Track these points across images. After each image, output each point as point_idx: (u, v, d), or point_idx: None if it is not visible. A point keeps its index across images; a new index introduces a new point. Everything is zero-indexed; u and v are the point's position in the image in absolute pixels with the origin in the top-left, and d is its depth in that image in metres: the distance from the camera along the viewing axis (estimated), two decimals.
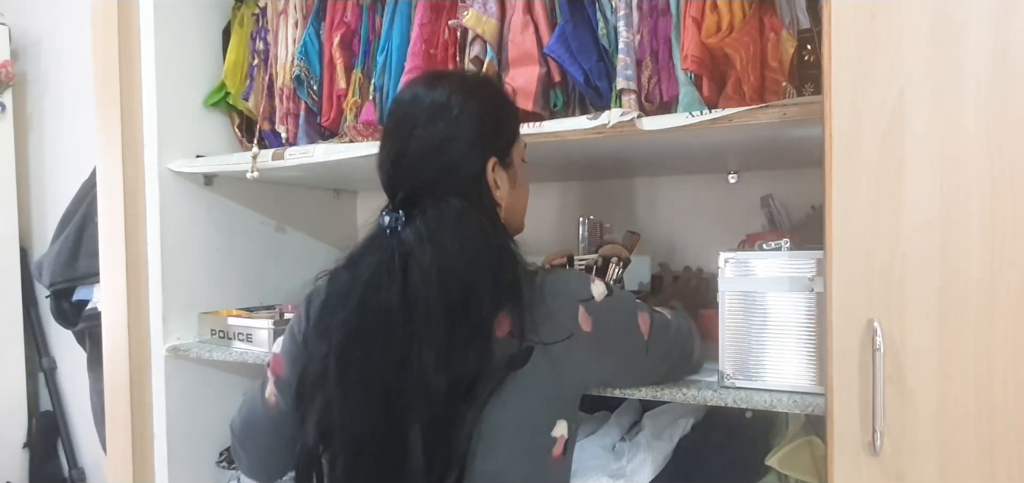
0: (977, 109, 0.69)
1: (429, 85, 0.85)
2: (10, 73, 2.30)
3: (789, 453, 0.97)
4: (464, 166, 0.81)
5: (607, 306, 0.83)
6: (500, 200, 0.85)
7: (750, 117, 0.89)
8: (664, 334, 0.90)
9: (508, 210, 0.87)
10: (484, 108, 0.84)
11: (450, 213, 0.79)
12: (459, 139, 0.81)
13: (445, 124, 0.81)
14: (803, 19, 0.98)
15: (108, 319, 1.43)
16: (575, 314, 0.80)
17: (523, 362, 0.77)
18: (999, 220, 0.69)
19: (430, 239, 0.78)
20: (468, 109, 0.82)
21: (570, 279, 0.85)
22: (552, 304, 0.79)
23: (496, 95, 0.90)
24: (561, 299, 0.80)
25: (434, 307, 0.75)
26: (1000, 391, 0.69)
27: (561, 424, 0.82)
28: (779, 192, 1.27)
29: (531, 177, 1.58)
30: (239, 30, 1.49)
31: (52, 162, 2.40)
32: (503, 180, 0.85)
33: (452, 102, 0.82)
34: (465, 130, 0.81)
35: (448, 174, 0.81)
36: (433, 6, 1.21)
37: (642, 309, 0.88)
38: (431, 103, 0.82)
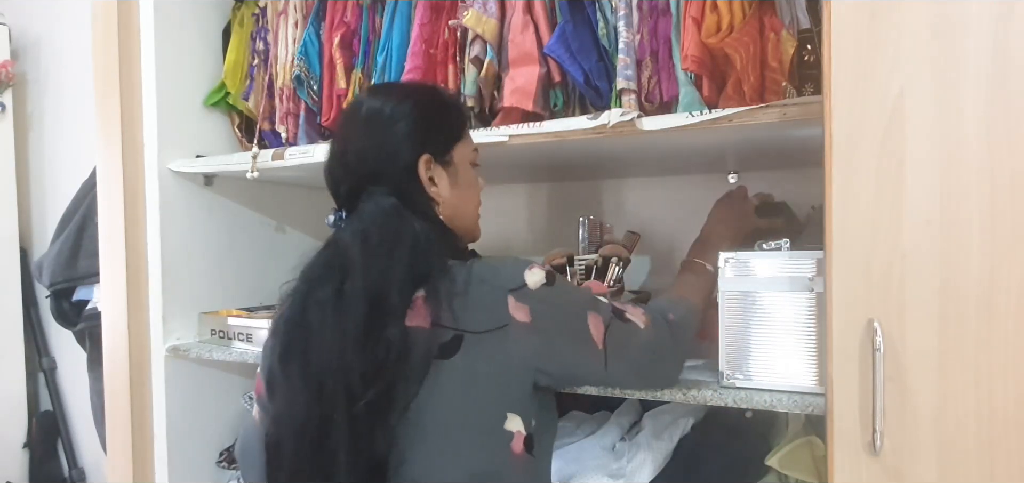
0: (977, 109, 0.69)
1: (371, 93, 0.93)
2: (10, 73, 2.30)
3: (789, 453, 0.97)
4: (395, 160, 0.85)
5: (544, 296, 0.80)
6: (437, 196, 0.88)
7: (750, 117, 0.89)
8: (627, 343, 0.84)
9: (450, 209, 0.89)
10: (418, 108, 0.88)
11: (377, 206, 0.84)
12: (391, 136, 0.86)
13: (379, 124, 0.86)
14: (803, 19, 0.98)
15: (108, 319, 1.43)
16: (504, 303, 0.78)
17: (452, 352, 0.76)
18: (999, 220, 0.69)
19: (360, 232, 0.83)
20: (401, 109, 0.87)
21: (500, 268, 0.82)
22: (476, 293, 0.79)
23: (433, 97, 0.95)
24: (486, 288, 0.79)
25: (357, 298, 0.78)
26: (1000, 391, 0.69)
27: (513, 418, 0.79)
28: (779, 192, 1.27)
29: (530, 177, 1.59)
30: (239, 30, 1.49)
31: (52, 162, 2.40)
32: (441, 178, 0.88)
33: (386, 106, 0.87)
34: (396, 127, 0.86)
35: (381, 170, 0.85)
36: (433, 6, 1.21)
37: (597, 310, 0.83)
38: (368, 108, 0.88)
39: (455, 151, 0.91)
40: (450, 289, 0.79)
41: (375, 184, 0.85)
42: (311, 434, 0.78)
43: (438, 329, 0.77)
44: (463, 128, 0.95)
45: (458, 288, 0.79)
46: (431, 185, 0.87)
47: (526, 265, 0.82)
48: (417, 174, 0.86)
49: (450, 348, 0.77)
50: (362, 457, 0.76)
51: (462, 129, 0.94)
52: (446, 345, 0.77)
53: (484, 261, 0.84)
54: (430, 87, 1.06)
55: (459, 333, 0.77)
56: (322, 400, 0.78)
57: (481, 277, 0.80)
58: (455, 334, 0.77)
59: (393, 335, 0.77)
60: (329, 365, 0.78)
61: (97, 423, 1.83)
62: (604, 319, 0.83)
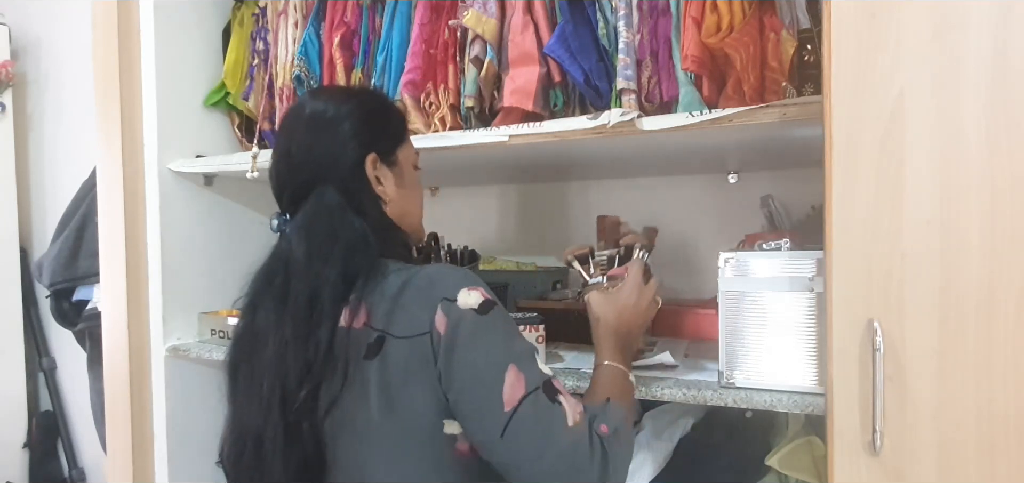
0: (977, 109, 0.69)
1: (313, 96, 0.92)
2: (10, 73, 2.30)
3: (789, 453, 0.97)
4: (341, 159, 0.85)
5: (470, 322, 0.74)
6: (384, 195, 0.87)
7: (750, 117, 0.89)
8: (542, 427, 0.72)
9: (398, 208, 0.89)
10: (362, 109, 0.89)
11: (321, 203, 0.83)
12: (335, 136, 0.85)
13: (323, 125, 0.86)
14: (803, 19, 0.98)
15: (108, 319, 1.43)
16: (433, 310, 0.75)
17: (375, 353, 0.75)
18: (999, 220, 0.69)
19: (304, 230, 0.83)
20: (344, 110, 0.87)
21: (442, 275, 0.79)
22: (410, 296, 0.77)
23: (376, 99, 0.97)
24: (422, 293, 0.77)
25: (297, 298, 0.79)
26: (1000, 391, 0.69)
27: (453, 425, 0.76)
28: (779, 192, 1.27)
29: (530, 178, 1.59)
30: (239, 30, 1.49)
31: (52, 162, 2.40)
32: (387, 178, 0.88)
33: (329, 107, 0.87)
34: (341, 128, 0.85)
35: (325, 169, 0.85)
36: (433, 6, 1.21)
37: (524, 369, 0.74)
38: (312, 110, 0.88)
39: (400, 152, 0.91)
40: (384, 290, 0.78)
41: (321, 184, 0.84)
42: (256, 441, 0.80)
43: (367, 329, 0.76)
44: (405, 131, 0.95)
45: (393, 290, 0.77)
46: (378, 184, 0.87)
47: (470, 284, 0.78)
48: (364, 173, 0.85)
49: (374, 348, 0.76)
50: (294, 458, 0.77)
51: (404, 132, 0.95)
52: (371, 346, 0.76)
53: (434, 267, 0.82)
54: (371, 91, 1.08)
55: (383, 335, 0.76)
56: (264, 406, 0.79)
57: (421, 281, 0.78)
58: (379, 335, 0.76)
59: (322, 335, 0.76)
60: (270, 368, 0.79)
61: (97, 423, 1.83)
62: (528, 383, 0.73)
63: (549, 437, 0.72)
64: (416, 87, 1.20)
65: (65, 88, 2.34)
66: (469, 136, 1.08)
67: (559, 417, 0.73)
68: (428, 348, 0.74)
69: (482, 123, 1.17)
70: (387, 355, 0.75)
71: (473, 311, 0.75)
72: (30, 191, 2.45)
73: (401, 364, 0.75)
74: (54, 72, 2.37)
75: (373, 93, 1.00)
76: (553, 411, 0.74)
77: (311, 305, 0.78)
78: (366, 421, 0.76)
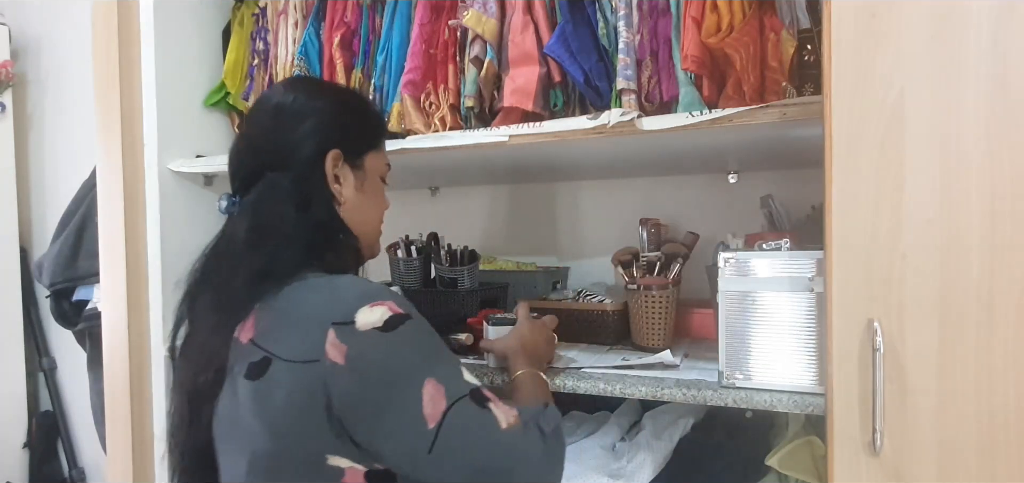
0: (977, 109, 0.69)
1: (285, 86, 0.90)
2: (10, 73, 2.30)
3: (789, 453, 0.97)
4: (299, 149, 0.82)
5: (371, 342, 0.67)
6: (339, 195, 0.84)
7: (750, 117, 0.89)
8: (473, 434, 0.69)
9: (353, 213, 0.85)
10: (332, 106, 0.86)
11: (269, 189, 0.80)
12: (298, 126, 0.82)
13: (289, 114, 0.84)
14: (803, 19, 0.98)
15: (108, 319, 1.43)
16: (322, 336, 0.67)
17: (259, 374, 0.69)
18: (999, 220, 0.69)
19: (248, 215, 0.80)
20: (314, 104, 0.84)
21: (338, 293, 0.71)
22: (299, 315, 0.70)
23: (355, 99, 0.94)
24: (313, 313, 0.70)
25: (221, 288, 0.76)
26: (1000, 391, 0.69)
27: (338, 459, 0.68)
28: (779, 192, 1.27)
29: (530, 178, 1.59)
30: (239, 30, 1.49)
31: (52, 162, 2.40)
32: (347, 179, 0.85)
33: (298, 99, 0.85)
34: (305, 119, 0.83)
35: (281, 157, 0.82)
36: (433, 6, 1.21)
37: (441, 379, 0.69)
38: (280, 100, 0.85)
39: (368, 158, 0.88)
40: (274, 305, 0.72)
41: (275, 170, 0.81)
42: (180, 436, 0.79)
43: (252, 347, 0.71)
44: (379, 139, 0.92)
45: (283, 306, 0.72)
46: (335, 182, 0.84)
47: (370, 298, 0.70)
48: (321, 167, 0.82)
49: (258, 370, 0.70)
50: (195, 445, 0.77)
51: (379, 140, 0.92)
52: (255, 366, 0.70)
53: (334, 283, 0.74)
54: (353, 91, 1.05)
55: (268, 357, 0.70)
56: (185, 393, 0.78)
57: (315, 299, 0.71)
58: (264, 357, 0.70)
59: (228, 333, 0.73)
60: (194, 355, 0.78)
61: (97, 423, 1.83)
62: (449, 394, 0.68)
63: (483, 444, 0.68)
64: (416, 87, 1.20)
65: (65, 88, 2.34)
66: (469, 136, 1.08)
67: (491, 422, 0.70)
68: (316, 378, 0.67)
69: (482, 123, 1.17)
70: (271, 379, 0.69)
71: (376, 330, 0.68)
72: (30, 191, 2.45)
73: (284, 391, 0.68)
74: (54, 72, 2.37)
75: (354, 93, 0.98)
76: (483, 416, 0.70)
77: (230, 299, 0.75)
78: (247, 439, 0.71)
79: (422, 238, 1.48)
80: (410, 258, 1.43)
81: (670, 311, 1.16)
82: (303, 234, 0.78)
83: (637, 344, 1.19)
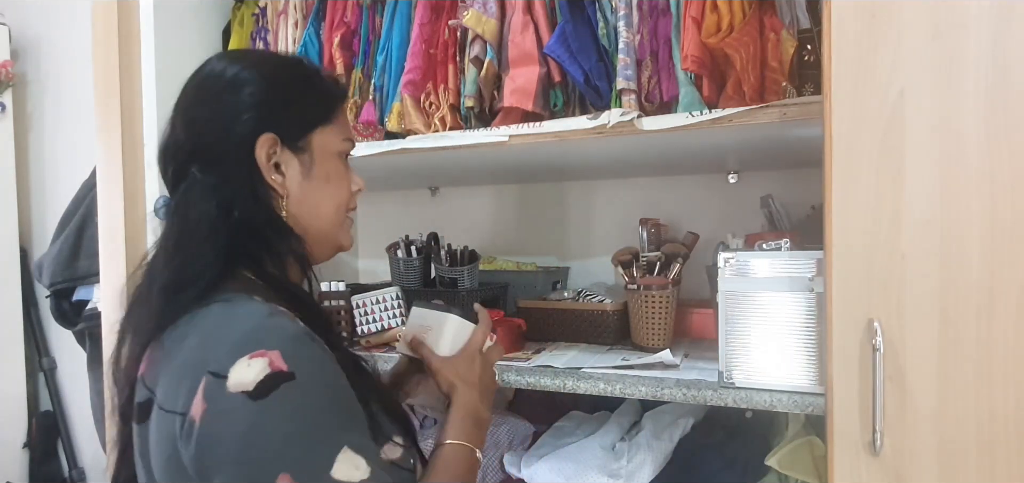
0: (977, 109, 0.69)
1: (219, 56, 0.75)
2: (10, 73, 2.30)
3: (789, 453, 0.97)
4: (227, 136, 0.68)
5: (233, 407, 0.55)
6: (280, 188, 0.70)
7: (750, 117, 0.89)
8: None
9: (301, 206, 0.72)
10: (269, 77, 0.71)
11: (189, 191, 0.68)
12: (226, 106, 0.69)
13: (216, 89, 0.70)
14: (803, 19, 0.98)
15: (108, 319, 1.43)
16: (196, 383, 0.57)
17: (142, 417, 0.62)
18: (999, 220, 0.69)
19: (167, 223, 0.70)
20: (247, 75, 0.70)
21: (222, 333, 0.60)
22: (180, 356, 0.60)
23: (295, 68, 0.76)
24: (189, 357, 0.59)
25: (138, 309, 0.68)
26: (1000, 391, 0.69)
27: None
28: (779, 192, 1.27)
29: (530, 178, 1.59)
30: (239, 30, 1.49)
31: (52, 162, 2.40)
32: (290, 165, 0.70)
33: (230, 68, 0.71)
34: (236, 96, 0.69)
35: (206, 147, 0.69)
36: (433, 6, 1.21)
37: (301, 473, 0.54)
38: (209, 71, 0.72)
39: (314, 136, 0.72)
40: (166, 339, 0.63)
41: (201, 163, 0.68)
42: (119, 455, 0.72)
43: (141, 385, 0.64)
44: (331, 112, 0.75)
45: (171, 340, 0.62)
46: (273, 172, 0.69)
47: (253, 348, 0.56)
48: (250, 153, 0.68)
49: (142, 412, 0.63)
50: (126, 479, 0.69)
51: (329, 113, 0.74)
52: (141, 406, 0.63)
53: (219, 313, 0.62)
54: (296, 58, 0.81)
55: (151, 398, 0.62)
56: None
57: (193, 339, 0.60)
58: (148, 397, 0.62)
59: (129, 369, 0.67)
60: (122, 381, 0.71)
61: (97, 423, 1.82)
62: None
63: None
64: (416, 87, 1.20)
65: (65, 88, 2.34)
66: (469, 136, 1.08)
67: None
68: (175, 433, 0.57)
69: (482, 123, 1.17)
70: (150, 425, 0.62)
71: (244, 395, 0.55)
72: (30, 191, 2.45)
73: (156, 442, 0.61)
74: (54, 72, 2.37)
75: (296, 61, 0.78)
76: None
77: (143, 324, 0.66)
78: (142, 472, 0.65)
79: (422, 238, 1.48)
80: (410, 258, 1.43)
81: (670, 311, 1.16)
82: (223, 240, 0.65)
83: (637, 344, 1.19)
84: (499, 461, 1.24)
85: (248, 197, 0.68)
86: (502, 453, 1.25)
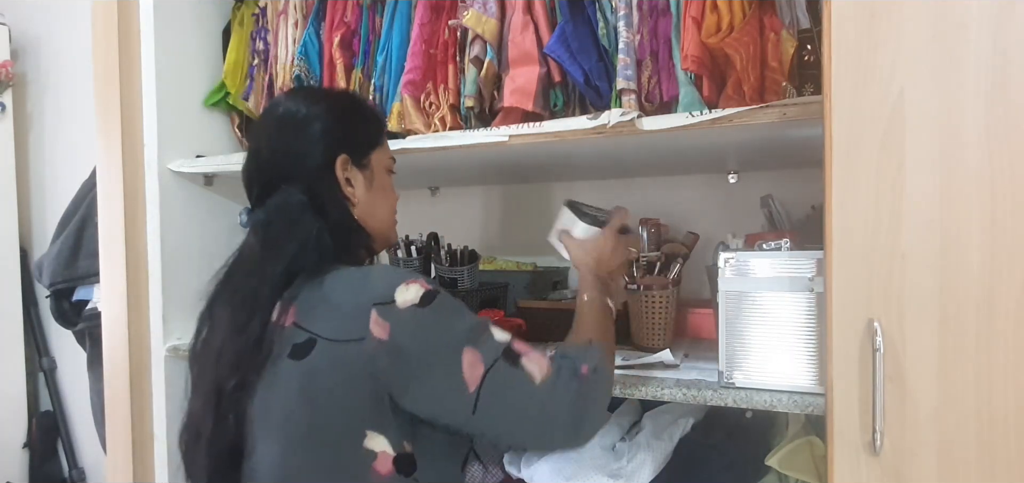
0: (977, 109, 0.69)
1: (288, 96, 0.94)
2: (10, 73, 2.30)
3: (789, 453, 0.97)
4: (309, 159, 0.86)
5: (411, 317, 0.75)
6: (352, 197, 0.89)
7: (750, 117, 0.89)
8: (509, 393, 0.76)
9: (365, 211, 0.90)
10: (333, 111, 0.90)
11: (283, 202, 0.85)
12: (305, 136, 0.87)
13: (293, 125, 0.88)
14: (803, 19, 0.98)
15: (108, 319, 1.43)
16: (366, 315, 0.74)
17: (303, 354, 0.75)
18: (999, 220, 0.69)
19: (262, 227, 0.85)
20: (315, 111, 0.88)
21: (375, 277, 0.79)
22: (341, 299, 0.77)
23: (351, 101, 0.97)
24: (350, 297, 0.77)
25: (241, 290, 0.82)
26: (1000, 391, 0.69)
27: (375, 437, 0.75)
28: (779, 192, 1.27)
29: (530, 178, 1.59)
30: (239, 30, 1.49)
31: (52, 162, 2.40)
32: (357, 180, 0.89)
33: (301, 107, 0.89)
34: (311, 128, 0.87)
35: (292, 169, 0.86)
36: (433, 6, 1.21)
37: (478, 346, 0.76)
38: (284, 110, 0.90)
39: (373, 156, 0.92)
40: (317, 291, 0.78)
41: (287, 182, 0.85)
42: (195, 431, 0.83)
43: (296, 329, 0.77)
44: (381, 135, 0.96)
45: (326, 292, 0.78)
46: (347, 185, 0.88)
47: (404, 278, 0.77)
48: (333, 173, 0.87)
49: (302, 350, 0.75)
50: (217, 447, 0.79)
51: (380, 136, 0.96)
52: (300, 347, 0.76)
53: (369, 270, 0.83)
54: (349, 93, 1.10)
55: (313, 337, 0.76)
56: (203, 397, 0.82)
57: (354, 284, 0.78)
58: (309, 338, 0.76)
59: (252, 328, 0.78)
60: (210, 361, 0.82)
61: (97, 423, 1.83)
62: (486, 359, 0.75)
63: (519, 402, 0.76)
64: (416, 87, 1.20)
65: (65, 88, 2.34)
66: (469, 136, 1.08)
67: (523, 381, 0.76)
68: (362, 355, 0.73)
69: (482, 123, 1.17)
70: (315, 358, 0.75)
71: (414, 307, 0.75)
72: (30, 191, 2.45)
73: (328, 369, 0.75)
74: (54, 72, 2.37)
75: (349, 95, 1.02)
76: (517, 376, 0.76)
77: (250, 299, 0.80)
78: (284, 419, 0.76)
79: (422, 238, 1.48)
80: (410, 258, 1.43)
81: (670, 311, 1.16)
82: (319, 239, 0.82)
83: (637, 344, 1.19)
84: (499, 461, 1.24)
85: (334, 203, 0.86)
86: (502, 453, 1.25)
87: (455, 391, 0.74)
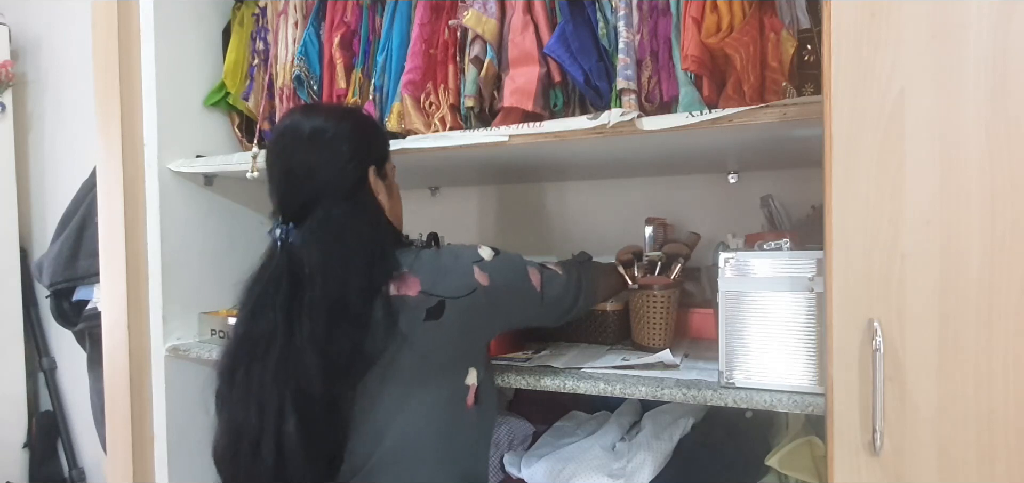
0: (977, 109, 0.69)
1: (305, 114, 0.99)
2: (10, 73, 2.30)
3: (789, 453, 0.97)
4: (347, 176, 0.95)
5: (496, 264, 0.97)
6: (383, 205, 1.00)
7: (750, 117, 0.89)
8: (553, 284, 1.04)
9: (390, 214, 1.01)
10: (357, 128, 0.98)
11: (333, 217, 0.93)
12: (339, 154, 0.94)
13: (324, 144, 0.94)
14: (803, 19, 0.98)
15: (108, 319, 1.43)
16: (471, 273, 0.94)
17: (439, 314, 0.91)
18: (999, 220, 0.69)
19: (316, 242, 0.91)
20: (342, 128, 0.96)
21: (462, 249, 0.99)
22: (451, 265, 0.95)
23: (365, 118, 1.05)
24: (457, 263, 0.95)
25: (317, 302, 0.88)
26: (1000, 391, 0.69)
27: (472, 372, 0.96)
28: (779, 192, 1.27)
29: (530, 178, 1.59)
30: (239, 30, 1.49)
31: (52, 162, 2.40)
32: (380, 189, 1.00)
33: (328, 125, 0.95)
34: (343, 146, 0.95)
35: (333, 185, 0.94)
36: (433, 6, 1.21)
37: (531, 266, 1.03)
38: (311, 128, 0.95)
39: (387, 165, 1.03)
40: (425, 265, 0.94)
41: (325, 199, 0.93)
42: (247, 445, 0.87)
43: (424, 296, 0.91)
44: (388, 146, 1.06)
45: (436, 265, 0.95)
46: (378, 194, 0.99)
47: (480, 245, 1.01)
48: (368, 186, 0.97)
49: (436, 311, 0.91)
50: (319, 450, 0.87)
51: (388, 147, 1.06)
52: (433, 309, 0.91)
53: (448, 246, 1.02)
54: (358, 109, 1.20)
55: (442, 299, 0.91)
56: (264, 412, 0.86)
57: (454, 254, 0.97)
58: (439, 300, 0.91)
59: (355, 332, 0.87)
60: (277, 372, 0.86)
61: (97, 423, 1.83)
62: (539, 272, 1.03)
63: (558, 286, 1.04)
64: (416, 87, 1.20)
65: (65, 88, 2.34)
66: (469, 136, 1.08)
67: (555, 276, 1.05)
68: (477, 301, 0.93)
69: (482, 123, 1.17)
70: (448, 315, 0.91)
71: (495, 258, 0.98)
72: (30, 191, 2.45)
73: (458, 320, 0.92)
74: (54, 72, 2.37)
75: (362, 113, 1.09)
76: (553, 275, 1.05)
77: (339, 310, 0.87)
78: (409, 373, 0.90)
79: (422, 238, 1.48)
80: None
81: (671, 311, 1.16)
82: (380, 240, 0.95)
83: (637, 344, 1.19)
84: (499, 461, 1.24)
85: (375, 212, 0.98)
86: (502, 453, 1.25)
87: (532, 296, 1.00)
